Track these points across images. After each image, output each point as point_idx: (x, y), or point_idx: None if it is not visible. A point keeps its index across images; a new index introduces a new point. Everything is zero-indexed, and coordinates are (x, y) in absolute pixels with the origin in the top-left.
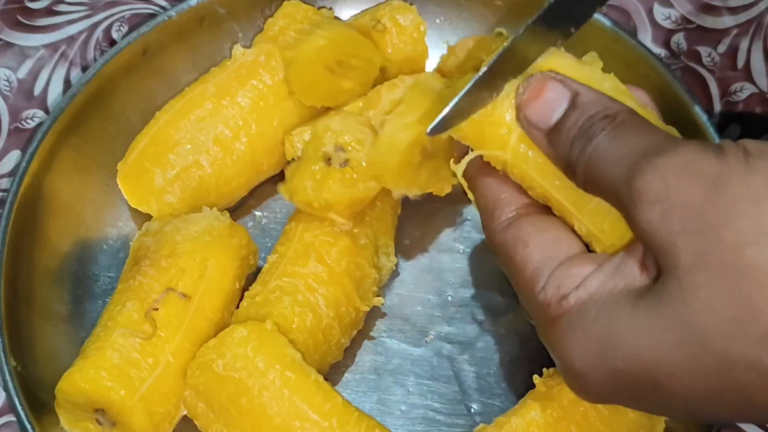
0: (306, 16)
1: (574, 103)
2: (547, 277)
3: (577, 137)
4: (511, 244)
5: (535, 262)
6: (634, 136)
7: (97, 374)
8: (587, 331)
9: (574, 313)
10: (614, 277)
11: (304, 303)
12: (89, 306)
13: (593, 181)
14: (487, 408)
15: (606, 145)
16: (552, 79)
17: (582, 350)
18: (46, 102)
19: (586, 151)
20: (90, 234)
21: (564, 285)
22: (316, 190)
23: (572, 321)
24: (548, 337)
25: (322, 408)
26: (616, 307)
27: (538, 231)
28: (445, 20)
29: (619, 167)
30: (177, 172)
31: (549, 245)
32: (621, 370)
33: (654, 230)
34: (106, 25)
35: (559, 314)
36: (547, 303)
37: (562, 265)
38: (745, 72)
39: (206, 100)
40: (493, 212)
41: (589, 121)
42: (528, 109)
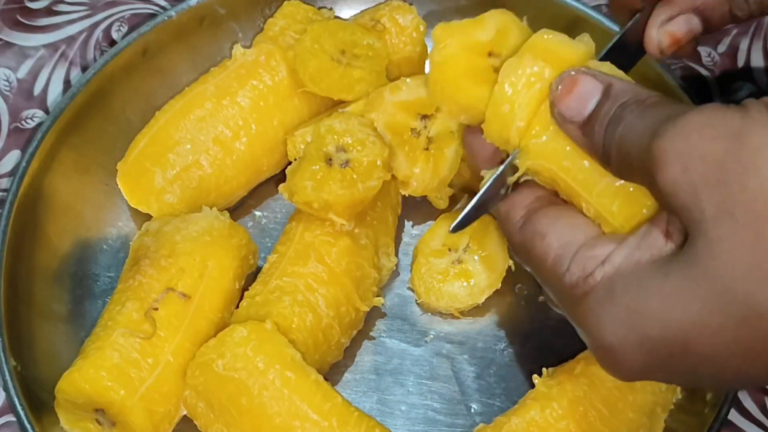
0: (306, 16)
1: (607, 93)
2: (570, 260)
3: (609, 123)
4: (529, 239)
5: (555, 249)
6: (658, 110)
7: (97, 374)
8: (616, 304)
9: (602, 288)
10: (639, 248)
11: (304, 303)
12: (89, 306)
13: (625, 160)
14: (486, 408)
15: (633, 121)
16: (584, 74)
17: (612, 323)
18: (46, 102)
19: (616, 132)
20: (90, 234)
21: (588, 264)
22: (316, 190)
23: (600, 296)
24: (576, 316)
25: (322, 408)
26: (643, 277)
27: (552, 221)
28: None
29: (643, 137)
30: (177, 172)
31: (565, 231)
32: (652, 338)
33: (676, 187)
34: (105, 25)
35: (586, 292)
36: (574, 284)
37: (583, 246)
38: (745, 71)
39: (206, 100)
40: (507, 215)
41: (620, 108)
42: (561, 103)
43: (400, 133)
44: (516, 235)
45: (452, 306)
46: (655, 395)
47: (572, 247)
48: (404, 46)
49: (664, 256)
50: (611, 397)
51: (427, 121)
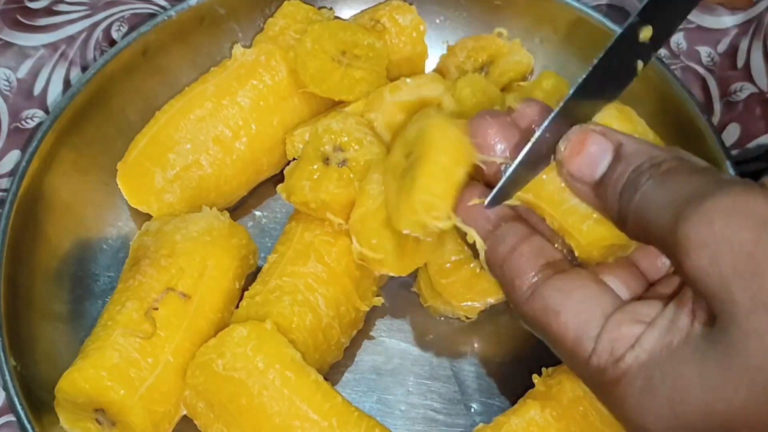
0: (306, 16)
1: (618, 154)
2: (594, 342)
3: (624, 189)
4: (541, 315)
5: (574, 329)
6: (678, 182)
7: (97, 374)
8: (657, 394)
9: (636, 376)
10: (670, 332)
11: (304, 303)
12: (89, 306)
13: (643, 231)
14: (486, 407)
15: (651, 194)
16: (592, 132)
17: (655, 414)
18: (46, 102)
19: (633, 200)
20: (90, 234)
21: (617, 347)
22: (314, 190)
23: (636, 384)
24: (610, 400)
25: (321, 407)
26: (680, 364)
27: (564, 296)
28: (444, 20)
29: (665, 215)
30: (177, 172)
31: (581, 308)
32: (697, 426)
33: (705, 276)
34: (105, 24)
35: (617, 377)
36: (603, 368)
37: (606, 327)
38: (744, 72)
39: (206, 100)
40: (513, 282)
41: (635, 173)
42: (571, 165)
43: None
44: (524, 307)
45: (464, 309)
46: None
47: (592, 326)
48: (404, 45)
49: (694, 339)
50: None
51: None
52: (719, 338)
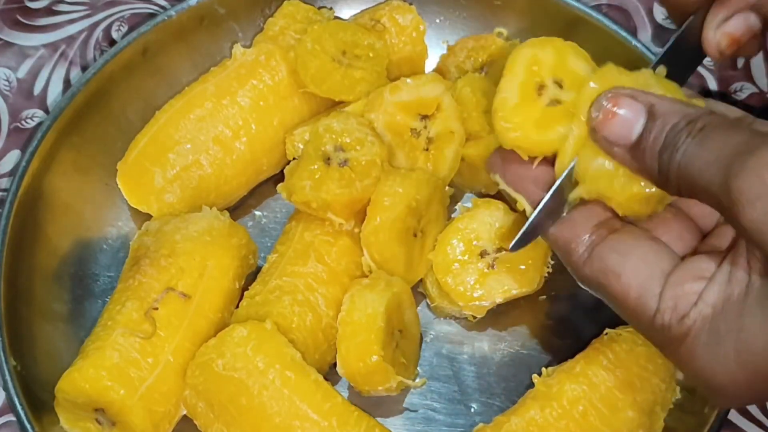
0: (306, 16)
1: (652, 114)
2: (657, 301)
3: (663, 149)
4: (601, 277)
5: (636, 288)
6: (719, 139)
7: (97, 374)
8: (723, 346)
9: (701, 329)
10: (730, 285)
11: (304, 302)
12: (89, 305)
13: (688, 187)
14: (486, 407)
15: (694, 151)
16: (623, 96)
17: (723, 365)
18: (46, 101)
19: (675, 159)
20: (90, 233)
21: (680, 304)
22: (314, 189)
23: (702, 338)
24: (678, 356)
25: (321, 407)
26: (743, 314)
27: (623, 256)
28: (444, 20)
29: (713, 171)
30: (177, 172)
31: (641, 268)
32: (763, 371)
33: (759, 225)
34: (105, 24)
35: (684, 333)
36: (668, 325)
37: (668, 284)
38: (745, 72)
39: (206, 100)
40: (569, 246)
41: (672, 131)
42: (605, 129)
43: (400, 134)
44: (583, 269)
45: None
46: (654, 394)
47: (654, 285)
48: (404, 45)
49: (755, 289)
50: (611, 396)
51: (427, 121)
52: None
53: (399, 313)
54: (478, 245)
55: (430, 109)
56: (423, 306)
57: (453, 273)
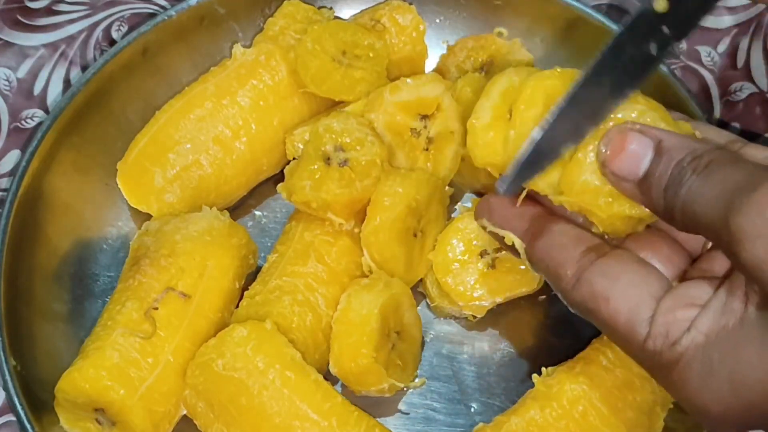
0: (306, 16)
1: (659, 150)
2: (648, 326)
3: (669, 185)
4: (590, 301)
5: (625, 313)
6: (723, 174)
7: (97, 374)
8: (716, 375)
9: (694, 357)
10: (724, 314)
11: (304, 302)
12: (89, 305)
13: (691, 223)
14: (486, 407)
15: (697, 188)
16: (631, 131)
17: (716, 394)
18: (46, 101)
19: (679, 194)
20: (90, 233)
21: (672, 331)
22: (315, 189)
23: (695, 366)
24: (669, 382)
25: (321, 407)
26: (738, 346)
27: (611, 281)
28: (444, 20)
29: (714, 207)
30: (177, 172)
31: (630, 292)
32: (758, 405)
33: (760, 263)
34: (105, 24)
35: (675, 359)
36: (659, 351)
37: (659, 309)
38: (744, 71)
39: (206, 100)
40: (557, 272)
41: (678, 167)
42: (613, 164)
43: (400, 133)
44: (572, 294)
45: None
46: (654, 394)
47: (644, 310)
48: (404, 45)
49: (751, 321)
50: (611, 396)
51: (426, 121)
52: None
53: (397, 315)
54: (478, 245)
55: (430, 109)
56: (423, 306)
57: (453, 273)
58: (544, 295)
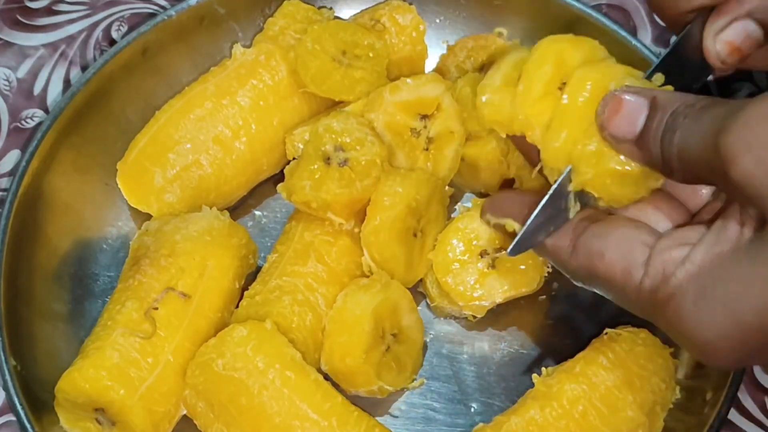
0: (306, 16)
1: (654, 105)
2: (644, 268)
3: (664, 134)
4: (586, 263)
5: (620, 262)
6: (713, 112)
7: (97, 373)
8: (710, 300)
9: (690, 287)
10: (719, 242)
11: (304, 302)
12: (89, 305)
13: (688, 165)
14: (486, 407)
15: (689, 128)
16: (626, 92)
17: (711, 319)
18: (46, 101)
19: (674, 141)
20: (90, 233)
21: (667, 267)
22: (314, 189)
23: (690, 296)
24: (665, 319)
25: (321, 407)
26: (732, 267)
27: (603, 238)
28: (444, 20)
29: (705, 137)
30: (177, 172)
31: (623, 243)
32: (753, 326)
33: (750, 178)
34: (105, 24)
35: (670, 293)
36: (654, 288)
37: (654, 252)
38: (745, 72)
39: (206, 100)
40: (554, 246)
41: (672, 116)
42: (611, 125)
43: (400, 133)
44: (570, 263)
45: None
46: (654, 394)
47: (638, 255)
48: (404, 45)
49: (746, 243)
50: (611, 396)
51: (427, 121)
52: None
53: (394, 317)
54: (478, 245)
55: (430, 109)
56: (423, 306)
57: (453, 273)
58: (544, 296)
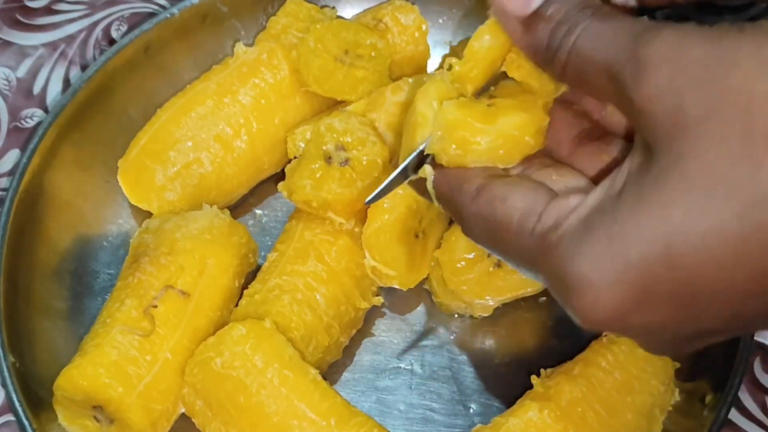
0: (309, 15)
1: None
2: (540, 214)
3: (560, 22)
4: (486, 208)
5: (520, 209)
6: (626, 20)
7: (95, 371)
8: (593, 236)
9: (576, 229)
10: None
11: (304, 302)
12: (88, 303)
13: (579, 64)
14: (485, 408)
15: (597, 27)
16: None
17: (594, 259)
18: (46, 101)
19: (572, 34)
20: (90, 231)
21: (562, 213)
22: (315, 188)
23: (574, 237)
24: (548, 266)
25: (320, 407)
26: (618, 204)
27: (512, 186)
28: (447, 20)
29: (618, 42)
30: (177, 170)
31: (529, 193)
32: (632, 260)
33: (660, 93)
34: (105, 24)
35: (559, 237)
36: (543, 233)
37: (553, 200)
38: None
39: (208, 98)
40: (461, 186)
41: (573, 9)
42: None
43: (402, 133)
44: (470, 205)
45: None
46: (653, 397)
47: (538, 204)
48: (406, 45)
49: (632, 175)
50: (609, 398)
51: None
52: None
53: None
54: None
55: None
56: (425, 303)
57: (458, 271)
58: (544, 297)
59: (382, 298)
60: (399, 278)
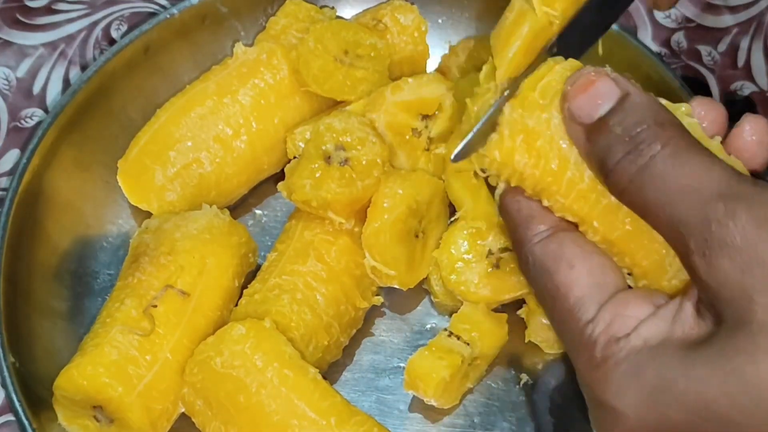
0: (308, 15)
1: (623, 102)
2: (597, 311)
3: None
4: (551, 260)
5: (582, 287)
6: (697, 166)
7: (95, 371)
8: (640, 379)
9: (627, 360)
10: (672, 324)
11: (303, 301)
12: (88, 303)
13: (640, 200)
14: (484, 408)
15: (664, 168)
16: (605, 75)
17: (635, 399)
18: (45, 101)
19: (634, 163)
20: (90, 231)
21: (616, 326)
22: (315, 188)
23: (622, 367)
24: (590, 377)
25: (320, 406)
26: (673, 356)
27: (584, 253)
28: (447, 20)
29: (689, 203)
30: (177, 170)
31: (597, 271)
32: (674, 420)
33: (729, 281)
34: (105, 23)
35: (607, 356)
36: (594, 341)
37: (613, 300)
38: (745, 71)
39: (207, 98)
40: (530, 223)
41: (636, 126)
42: (573, 101)
43: (402, 133)
44: (536, 246)
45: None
46: None
47: (600, 294)
48: (406, 45)
49: (694, 337)
50: None
51: (428, 121)
52: (723, 343)
53: None
54: (483, 245)
55: (431, 109)
56: (425, 304)
57: (457, 271)
58: None
59: (382, 298)
60: (399, 278)
